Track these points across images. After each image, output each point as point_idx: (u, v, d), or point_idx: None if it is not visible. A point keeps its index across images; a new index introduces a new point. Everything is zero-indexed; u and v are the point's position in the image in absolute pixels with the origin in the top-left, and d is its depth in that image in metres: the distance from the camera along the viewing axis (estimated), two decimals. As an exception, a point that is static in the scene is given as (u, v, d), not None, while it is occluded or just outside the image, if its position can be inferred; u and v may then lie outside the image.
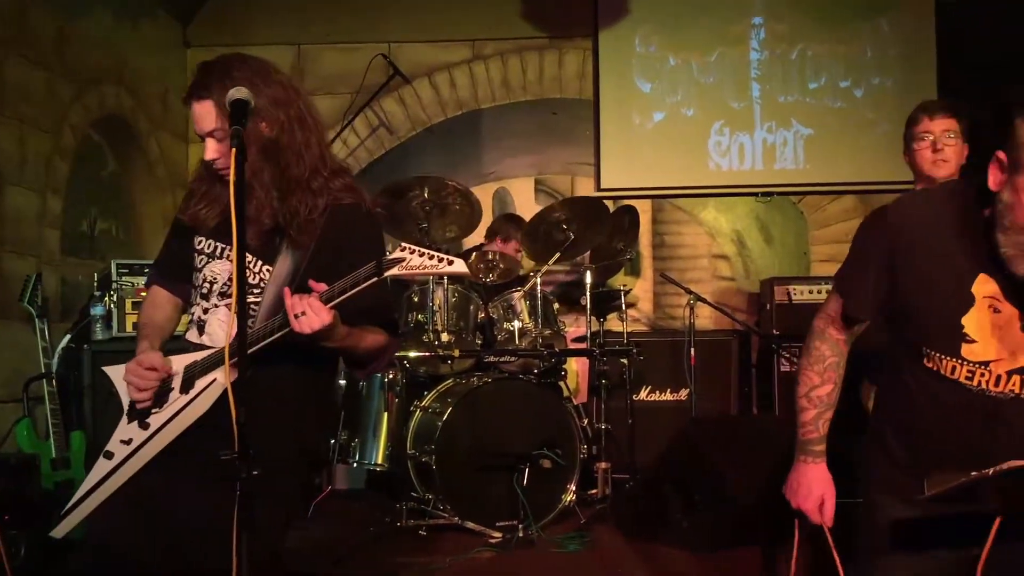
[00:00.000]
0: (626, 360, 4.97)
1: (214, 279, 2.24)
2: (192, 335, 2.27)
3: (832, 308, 2.03)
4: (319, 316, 1.96)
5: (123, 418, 2.21)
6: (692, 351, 5.23)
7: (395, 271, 1.94)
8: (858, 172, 5.95)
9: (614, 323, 5.46)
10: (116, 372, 2.25)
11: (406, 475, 4.25)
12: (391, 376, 4.48)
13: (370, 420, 4.47)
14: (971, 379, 1.82)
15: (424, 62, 6.17)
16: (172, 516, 2.04)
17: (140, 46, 5.41)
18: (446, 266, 1.95)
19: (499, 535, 3.96)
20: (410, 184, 4.70)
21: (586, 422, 4.65)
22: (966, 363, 1.81)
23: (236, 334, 1.77)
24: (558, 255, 4.92)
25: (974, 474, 1.67)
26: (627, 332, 5.20)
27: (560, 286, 5.97)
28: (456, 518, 4.02)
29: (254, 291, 2.19)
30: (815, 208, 6.13)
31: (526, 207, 5.99)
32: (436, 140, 6.20)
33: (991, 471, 1.65)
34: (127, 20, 5.27)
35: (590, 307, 4.91)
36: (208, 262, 2.26)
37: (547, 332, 4.61)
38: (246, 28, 6.09)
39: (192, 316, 2.29)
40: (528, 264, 5.43)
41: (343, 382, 4.53)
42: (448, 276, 4.45)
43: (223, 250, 2.25)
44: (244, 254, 1.81)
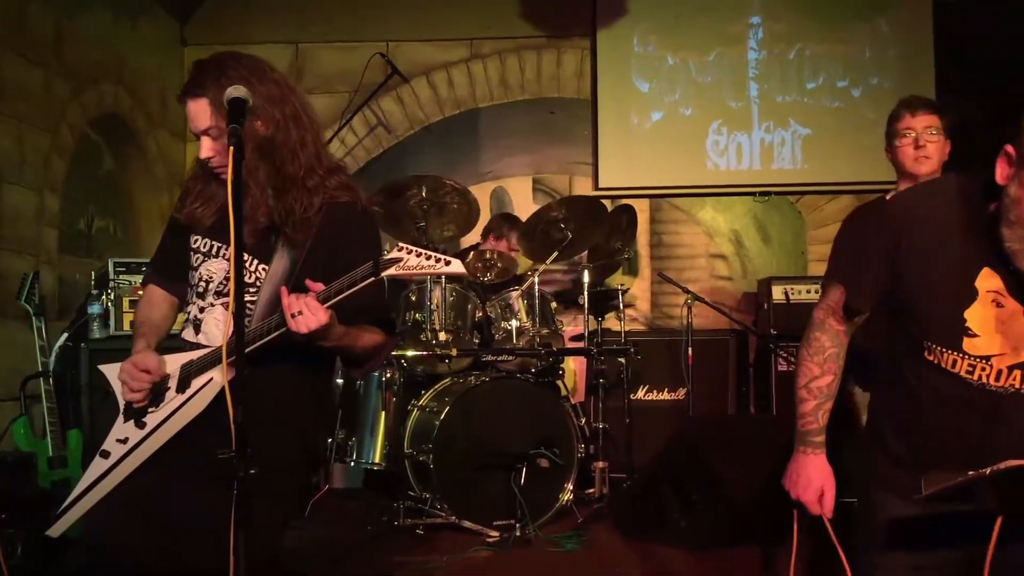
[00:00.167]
0: (624, 359, 4.97)
1: (210, 278, 2.24)
2: (188, 334, 2.27)
3: (832, 299, 2.01)
4: (316, 316, 1.95)
5: (119, 417, 2.21)
6: (689, 350, 5.23)
7: (392, 271, 1.94)
8: (856, 172, 5.95)
9: (612, 322, 5.47)
10: (112, 371, 2.24)
11: (403, 474, 4.25)
12: (389, 375, 4.48)
13: (367, 419, 4.47)
14: (972, 373, 1.81)
15: (422, 61, 6.17)
16: (169, 515, 2.03)
17: (138, 45, 5.40)
18: (443, 266, 1.95)
19: (496, 534, 3.96)
20: (408, 183, 4.70)
21: (584, 421, 4.65)
22: (967, 357, 1.80)
23: (233, 333, 1.77)
24: (556, 254, 4.92)
25: (971, 473, 1.67)
26: (625, 331, 5.20)
27: (558, 285, 5.97)
28: (453, 517, 4.02)
29: (250, 290, 2.18)
30: (813, 208, 6.13)
31: (524, 206, 5.99)
32: (434, 139, 6.20)
33: (988, 470, 1.65)
34: (125, 19, 5.26)
35: (588, 306, 4.91)
36: (204, 261, 2.26)
37: (545, 331, 4.61)
38: (244, 27, 6.09)
39: (188, 315, 2.29)
40: (526, 263, 5.43)
41: (340, 381, 4.53)
42: (446, 276, 4.45)
43: (219, 249, 2.25)
44: (242, 253, 1.81)
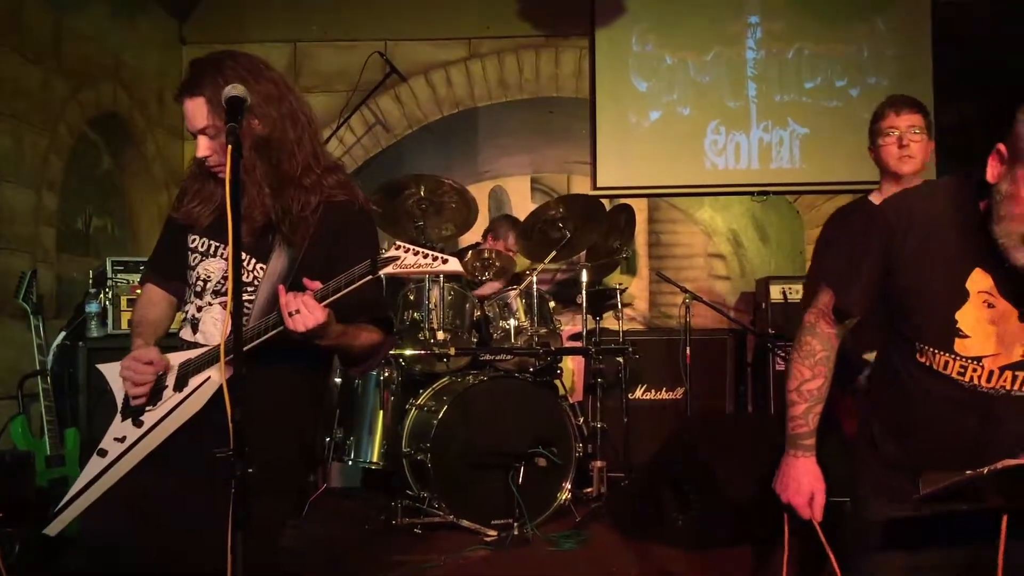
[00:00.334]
0: (622, 359, 4.97)
1: (208, 277, 2.24)
2: (186, 333, 2.27)
3: (823, 302, 2.03)
4: (313, 314, 1.95)
5: (117, 416, 2.21)
6: (688, 350, 5.24)
7: (389, 269, 1.94)
8: (854, 172, 5.92)
9: (610, 321, 5.47)
10: (111, 370, 2.25)
11: (401, 473, 4.25)
12: (387, 374, 4.48)
13: (365, 418, 4.46)
14: (963, 374, 1.82)
15: (421, 60, 6.17)
16: (167, 514, 2.03)
17: (136, 43, 5.40)
18: (440, 265, 1.95)
19: (494, 533, 3.96)
20: (406, 182, 4.71)
21: (581, 420, 4.65)
22: (959, 358, 1.82)
23: (231, 332, 1.77)
24: (554, 253, 4.93)
25: (969, 473, 1.68)
26: (623, 331, 5.21)
27: (556, 284, 5.97)
28: (451, 516, 4.02)
29: (248, 289, 2.18)
30: (811, 207, 6.13)
31: (522, 205, 5.99)
32: (432, 138, 6.20)
33: (986, 470, 1.65)
34: (124, 17, 5.25)
35: (586, 305, 4.92)
36: (202, 260, 2.26)
37: (543, 330, 4.62)
38: (243, 25, 6.09)
39: (186, 314, 2.29)
40: (524, 262, 5.43)
41: (338, 380, 4.53)
42: (444, 274, 4.45)
43: (217, 248, 2.25)
44: (240, 252, 1.81)
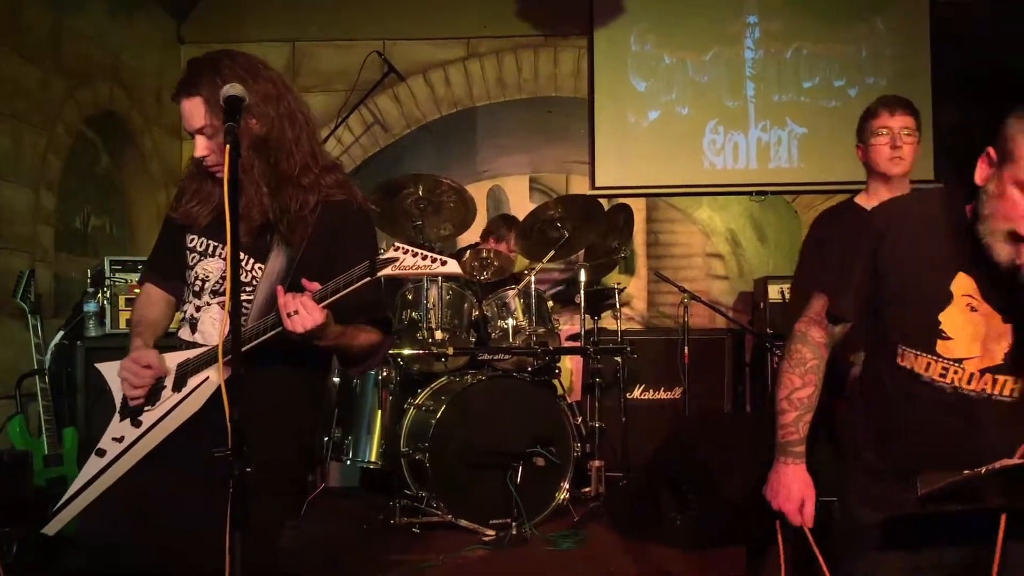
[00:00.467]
0: (620, 358, 4.97)
1: (206, 277, 2.24)
2: (184, 333, 2.27)
3: (814, 309, 2.04)
4: (312, 315, 1.95)
5: (116, 415, 2.21)
6: (686, 349, 5.24)
7: (388, 271, 1.93)
8: (852, 172, 5.80)
9: (608, 321, 5.47)
10: (109, 369, 2.25)
11: (400, 473, 4.25)
12: (385, 374, 4.48)
13: (364, 418, 4.46)
14: (945, 376, 1.85)
15: (419, 60, 6.17)
16: (165, 514, 2.03)
17: (134, 42, 5.39)
18: (439, 266, 1.95)
19: (492, 533, 3.96)
20: (405, 182, 4.71)
21: (580, 420, 4.65)
22: (940, 360, 1.85)
23: (229, 332, 1.77)
24: (552, 253, 4.93)
25: (967, 473, 1.68)
26: (621, 330, 5.21)
27: (554, 284, 5.97)
28: (449, 516, 4.02)
29: (246, 289, 2.18)
30: (809, 207, 6.13)
31: (521, 205, 5.99)
32: (431, 138, 6.19)
33: (984, 470, 1.66)
34: (122, 16, 5.25)
35: (584, 305, 4.92)
36: (200, 260, 2.26)
37: (541, 330, 4.61)
38: (241, 25, 6.08)
39: (184, 314, 2.29)
40: (522, 262, 5.43)
41: (336, 380, 4.52)
42: (443, 276, 4.44)
43: (215, 248, 2.25)
44: (238, 251, 1.81)
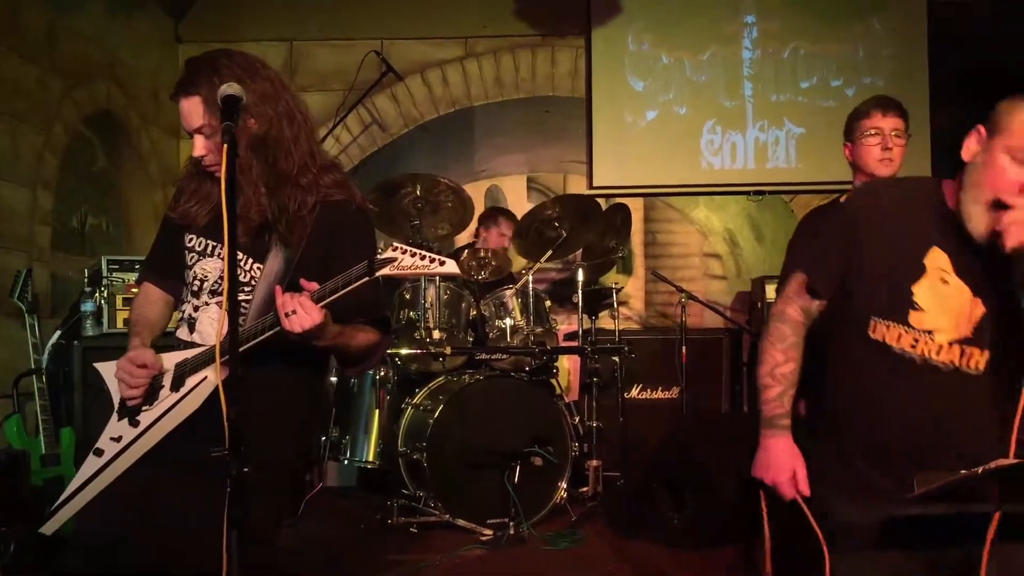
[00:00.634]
0: (617, 358, 4.97)
1: (205, 277, 2.24)
2: (183, 333, 2.27)
3: (791, 288, 2.09)
4: (310, 315, 1.95)
5: (113, 415, 2.21)
6: (683, 349, 5.24)
7: (386, 271, 1.93)
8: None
9: (606, 321, 5.46)
10: (107, 368, 2.24)
11: (397, 473, 4.25)
12: (382, 373, 4.48)
13: (361, 417, 4.46)
14: (915, 347, 1.92)
15: (417, 59, 6.16)
16: (163, 514, 2.03)
17: (132, 41, 5.39)
18: (438, 267, 1.94)
19: (490, 533, 3.96)
20: (402, 181, 4.71)
21: (577, 420, 4.64)
22: (912, 330, 1.93)
23: (227, 332, 1.77)
24: (550, 253, 4.93)
25: (964, 472, 1.70)
26: (619, 330, 5.20)
27: (552, 284, 5.97)
28: (447, 516, 4.02)
29: (244, 289, 2.18)
30: (806, 207, 6.09)
31: (518, 205, 5.99)
32: (428, 137, 6.19)
33: (980, 469, 1.67)
34: (119, 15, 5.24)
35: (582, 305, 4.91)
36: (199, 260, 2.26)
37: (539, 330, 4.62)
38: (238, 24, 6.08)
39: (183, 314, 2.29)
40: (520, 262, 5.43)
41: (334, 379, 4.52)
42: (441, 276, 4.44)
43: (214, 248, 2.25)
44: (236, 251, 1.81)
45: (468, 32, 6.19)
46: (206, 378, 2.11)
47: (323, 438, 4.44)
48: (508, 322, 4.61)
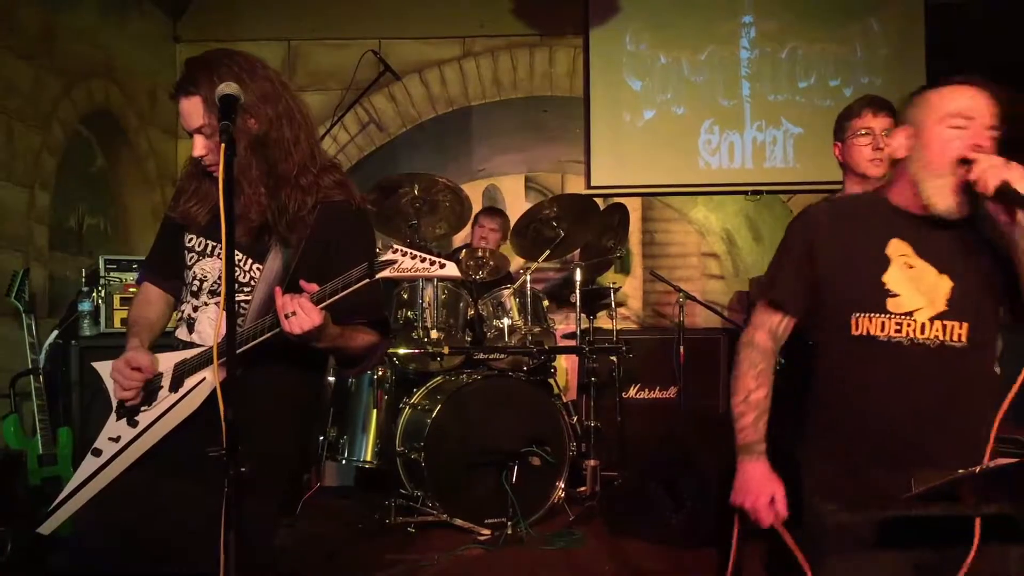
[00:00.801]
0: (615, 358, 4.97)
1: (204, 277, 2.24)
2: (182, 333, 2.27)
3: (756, 317, 2.19)
4: (309, 317, 1.95)
5: (112, 415, 2.20)
6: (681, 349, 5.24)
7: (387, 273, 1.92)
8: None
9: (604, 320, 5.46)
10: (105, 368, 2.24)
11: (395, 472, 4.25)
12: (380, 373, 4.47)
13: (359, 417, 4.45)
14: (900, 331, 1.99)
15: (415, 59, 6.16)
16: (162, 514, 2.03)
17: (129, 41, 5.38)
18: (438, 269, 1.93)
19: (488, 532, 3.96)
20: (400, 181, 4.70)
21: (575, 419, 4.65)
22: (893, 316, 2.00)
23: (225, 333, 1.77)
24: (548, 252, 4.93)
25: (961, 472, 1.70)
26: (616, 330, 5.20)
27: (550, 283, 5.98)
28: (445, 515, 4.02)
29: (244, 290, 2.18)
30: (804, 207, 6.14)
31: (516, 204, 6.00)
32: (426, 137, 6.19)
33: (977, 469, 1.68)
34: (116, 14, 5.24)
35: (580, 304, 4.91)
36: (198, 260, 2.26)
37: (536, 329, 4.61)
38: (236, 23, 6.08)
39: (182, 314, 2.28)
40: (518, 261, 5.43)
41: (332, 379, 4.51)
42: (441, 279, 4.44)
43: (213, 248, 2.24)
44: (233, 251, 1.81)
45: (466, 32, 6.18)
46: (205, 379, 2.11)
47: (321, 438, 4.44)
48: (506, 322, 4.61)
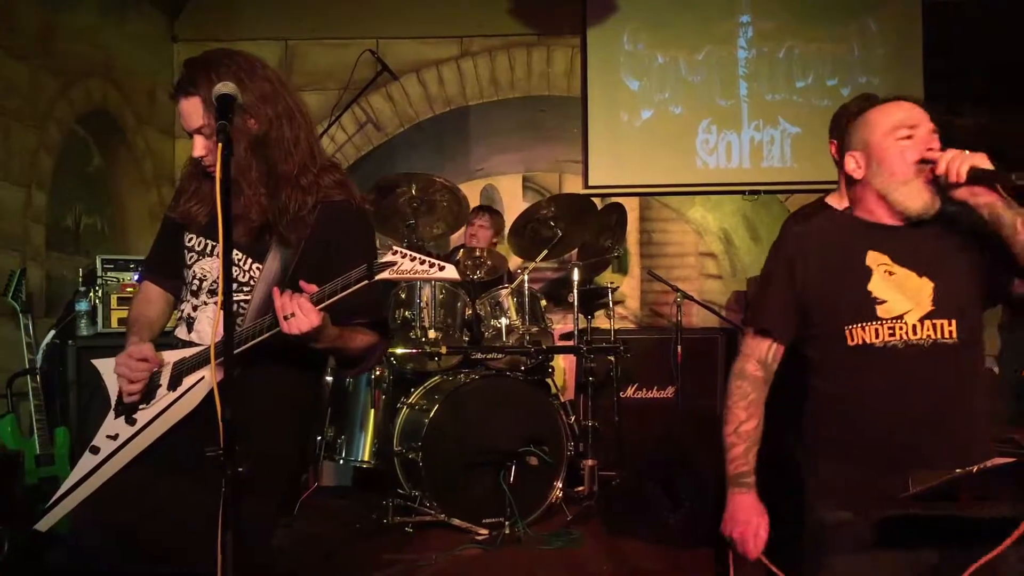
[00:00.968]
0: (613, 357, 4.97)
1: (204, 276, 2.23)
2: (181, 332, 2.26)
3: (745, 347, 2.21)
4: (309, 318, 1.95)
5: (110, 413, 2.20)
6: (679, 348, 5.24)
7: (386, 275, 1.92)
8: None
9: (601, 320, 5.47)
10: (105, 365, 2.24)
11: (393, 472, 4.25)
12: (378, 373, 4.47)
13: (357, 417, 4.46)
14: (894, 334, 2.02)
15: (412, 58, 6.16)
16: (160, 513, 2.03)
17: (127, 40, 5.37)
18: (437, 272, 1.93)
19: (485, 532, 3.96)
20: (398, 181, 4.71)
21: (573, 419, 4.65)
22: (885, 322, 2.03)
23: (223, 333, 1.77)
24: (546, 252, 4.94)
25: (958, 471, 1.70)
26: (614, 329, 5.20)
27: (548, 283, 5.97)
28: (442, 515, 4.02)
29: (243, 289, 2.18)
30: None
31: (514, 204, 6.00)
32: (424, 137, 6.19)
33: (975, 468, 1.68)
34: (113, 14, 5.23)
35: (577, 304, 4.92)
36: (198, 259, 2.25)
37: (534, 329, 4.62)
38: (234, 23, 6.07)
39: (181, 313, 2.28)
40: (516, 261, 5.43)
41: (329, 379, 4.51)
42: (440, 281, 4.44)
43: (213, 247, 2.24)
44: (231, 252, 1.81)
45: (464, 31, 6.18)
46: (203, 378, 2.11)
47: (319, 438, 4.43)
48: (504, 321, 4.60)
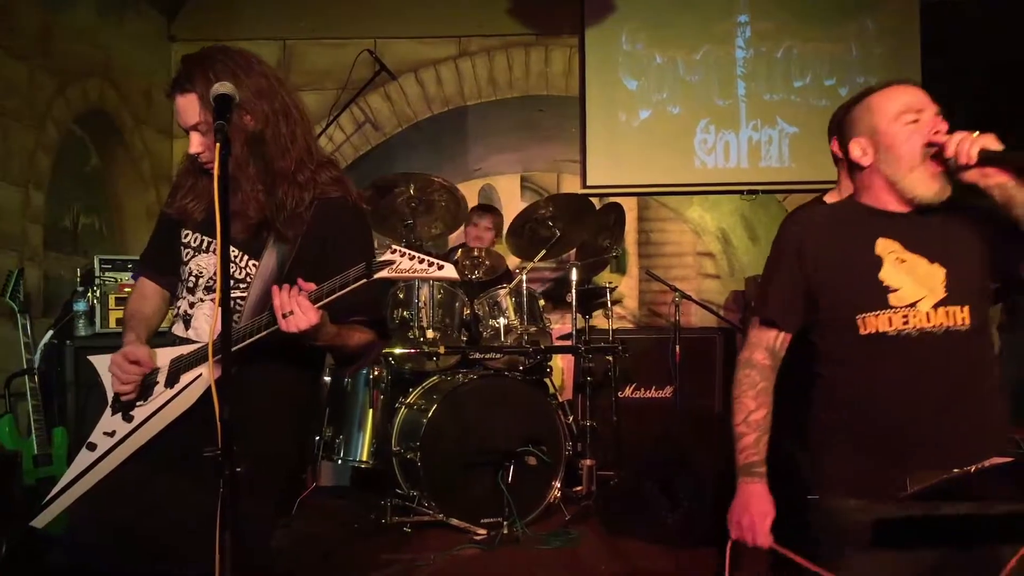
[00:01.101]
0: (611, 357, 4.97)
1: (200, 273, 2.23)
2: (178, 329, 2.26)
3: (752, 336, 2.19)
4: (307, 316, 1.95)
5: (107, 409, 2.20)
6: (677, 348, 5.24)
7: (385, 273, 1.92)
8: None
9: (600, 320, 5.47)
10: (102, 362, 2.24)
11: (391, 472, 4.24)
12: (376, 373, 4.47)
13: (355, 417, 4.45)
14: (907, 323, 2.01)
15: (410, 58, 6.16)
16: (157, 511, 2.02)
17: (124, 40, 5.37)
18: (436, 271, 1.93)
19: (484, 532, 3.96)
20: (396, 181, 4.70)
21: (571, 419, 4.64)
22: (898, 310, 2.01)
23: (220, 331, 1.77)
24: (544, 252, 4.93)
25: (957, 471, 1.70)
26: (612, 329, 5.20)
27: (546, 283, 5.98)
28: (441, 515, 4.01)
29: (240, 286, 2.18)
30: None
31: (512, 204, 6.00)
32: (422, 137, 6.19)
33: (973, 468, 1.68)
34: (111, 14, 5.23)
35: (576, 304, 4.91)
36: (194, 256, 2.25)
37: (532, 329, 4.61)
38: (232, 23, 6.07)
39: (178, 310, 2.28)
40: (514, 261, 5.43)
41: (328, 378, 4.51)
42: (439, 280, 4.43)
43: (209, 244, 2.24)
44: (228, 250, 1.80)
45: (462, 31, 6.18)
46: (201, 375, 2.11)
47: (317, 437, 4.43)
48: (502, 321, 4.60)
